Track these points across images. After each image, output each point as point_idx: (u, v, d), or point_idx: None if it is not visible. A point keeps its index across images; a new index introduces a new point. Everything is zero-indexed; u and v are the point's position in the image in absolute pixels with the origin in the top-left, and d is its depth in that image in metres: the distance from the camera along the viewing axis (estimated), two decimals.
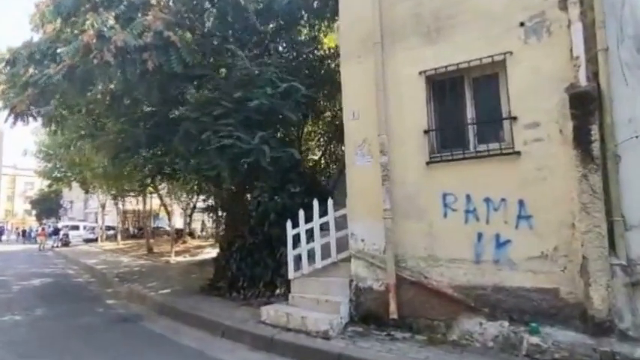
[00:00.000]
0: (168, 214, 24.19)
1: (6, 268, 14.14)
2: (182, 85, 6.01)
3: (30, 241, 34.56)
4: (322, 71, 7.99)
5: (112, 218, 29.71)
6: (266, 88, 6.02)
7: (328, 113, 8.59)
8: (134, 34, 5.45)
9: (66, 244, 26.53)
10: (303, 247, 5.71)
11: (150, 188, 26.43)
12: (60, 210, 40.79)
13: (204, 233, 25.86)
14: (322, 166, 8.40)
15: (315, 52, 8.36)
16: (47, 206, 40.08)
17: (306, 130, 8.45)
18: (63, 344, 5.29)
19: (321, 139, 8.93)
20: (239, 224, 7.35)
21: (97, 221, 36.67)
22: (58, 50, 6.77)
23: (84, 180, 24.36)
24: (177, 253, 14.85)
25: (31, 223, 42.29)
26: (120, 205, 25.20)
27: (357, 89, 5.50)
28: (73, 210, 41.30)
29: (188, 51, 5.73)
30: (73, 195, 37.90)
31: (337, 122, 9.57)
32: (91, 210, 38.72)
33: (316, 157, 8.79)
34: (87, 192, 28.25)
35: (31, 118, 9.33)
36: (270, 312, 5.37)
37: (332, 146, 8.67)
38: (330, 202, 5.76)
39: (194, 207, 27.70)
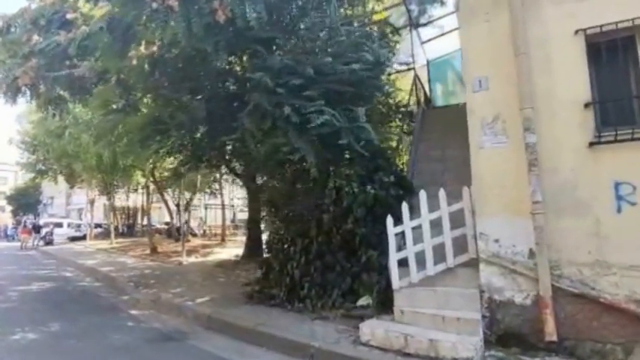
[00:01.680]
0: (169, 210, 22.69)
1: None
2: (252, 48, 4.80)
3: (7, 239, 32.08)
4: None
5: (97, 215, 27.74)
6: (362, 54, 4.88)
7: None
8: None
9: (49, 242, 24.49)
10: (410, 250, 4.60)
11: (141, 183, 24.93)
12: (39, 206, 38.21)
13: (201, 231, 24.36)
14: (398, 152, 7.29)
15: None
16: (25, 202, 37.48)
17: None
18: None
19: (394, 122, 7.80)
20: (298, 221, 6.18)
21: (81, 218, 34.57)
22: None
23: (71, 173, 22.54)
24: (187, 254, 13.45)
25: (7, 220, 39.44)
26: (109, 201, 23.42)
27: (484, 54, 4.44)
28: (53, 206, 38.76)
29: (265, 4, 4.53)
30: (53, 190, 35.50)
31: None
32: (74, 206, 36.39)
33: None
34: (72, 186, 26.33)
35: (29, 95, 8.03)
36: (377, 331, 4.24)
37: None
38: (442, 193, 4.67)
39: (188, 203, 26.27)
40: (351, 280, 5.43)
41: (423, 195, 4.70)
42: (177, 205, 24.73)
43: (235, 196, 33.73)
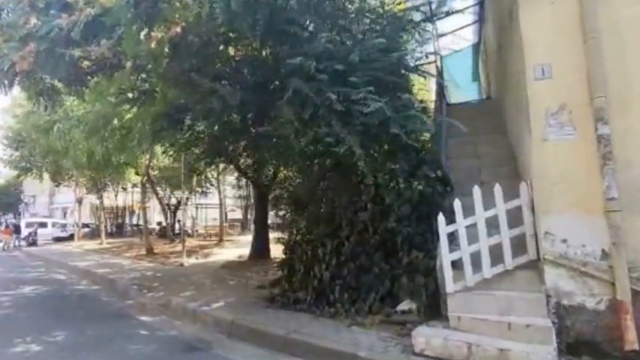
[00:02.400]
0: (164, 209, 21.94)
1: None
2: (289, 30, 4.34)
3: None
4: None
5: (83, 215, 26.68)
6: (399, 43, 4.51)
7: None
8: None
9: (33, 243, 23.42)
10: (465, 250, 4.24)
11: (133, 181, 24.05)
12: (20, 205, 36.68)
13: (196, 231, 23.63)
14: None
15: None
16: (5, 201, 35.93)
17: None
18: None
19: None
20: (328, 220, 5.77)
21: (65, 217, 33.37)
22: None
23: (58, 170, 21.57)
24: (187, 255, 12.86)
25: None
26: (99, 200, 22.56)
27: (547, 39, 4.10)
28: (35, 205, 37.28)
29: None
30: (35, 189, 34.11)
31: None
32: (58, 205, 35.07)
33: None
34: (58, 185, 25.29)
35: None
36: (434, 340, 3.86)
37: None
38: (497, 189, 4.32)
39: (179, 202, 25.53)
40: (390, 284, 5.04)
41: (477, 191, 4.34)
42: (168, 205, 24.01)
43: (226, 195, 33.08)
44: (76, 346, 4.98)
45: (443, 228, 4.30)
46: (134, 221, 30.42)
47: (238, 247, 15.56)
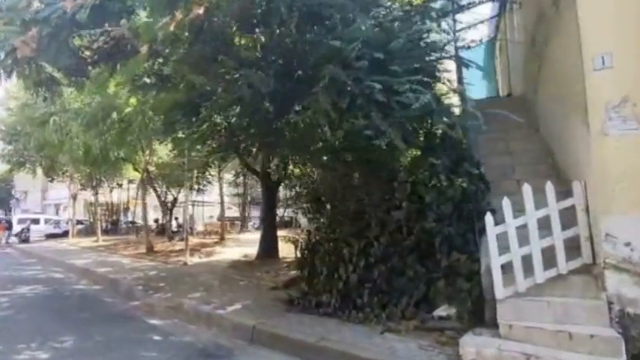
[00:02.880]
0: (163, 206, 21.44)
1: None
2: (326, 13, 3.99)
3: None
4: None
5: (77, 211, 26.01)
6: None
7: None
8: None
9: (25, 240, 22.77)
10: (516, 253, 3.93)
11: (130, 177, 23.49)
12: (11, 201, 35.82)
13: (196, 229, 23.13)
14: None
15: None
16: None
17: None
18: None
19: None
20: (355, 218, 5.43)
21: (58, 214, 32.66)
22: None
23: (52, 165, 20.96)
24: (189, 253, 12.43)
25: None
26: (95, 196, 22.01)
27: (608, 26, 3.80)
28: (27, 201, 36.43)
29: None
30: (27, 184, 33.29)
31: None
32: (50, 201, 34.30)
33: None
34: (52, 180, 24.64)
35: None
36: (486, 350, 3.55)
37: None
38: (550, 186, 4.02)
39: (175, 199, 25.02)
40: (426, 287, 4.72)
41: (527, 189, 4.04)
42: (165, 202, 23.49)
43: (223, 193, 32.54)
44: (84, 352, 4.60)
45: (491, 228, 3.99)
46: (129, 218, 29.81)
47: (241, 246, 15.14)
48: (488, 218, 4.01)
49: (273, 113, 4.35)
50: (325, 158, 5.20)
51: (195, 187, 23.64)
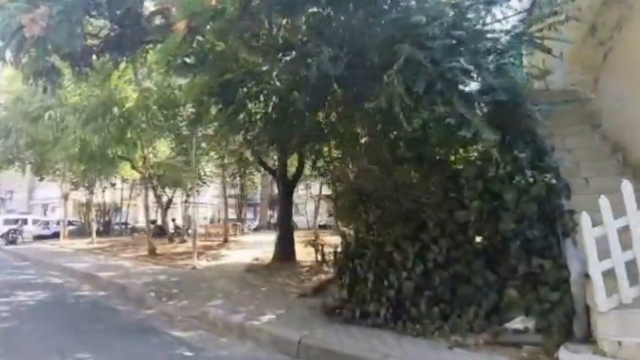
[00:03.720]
0: (162, 206, 20.69)
1: None
2: None
3: None
4: None
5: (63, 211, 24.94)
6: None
7: None
8: None
9: (12, 241, 21.68)
10: (619, 258, 3.46)
11: (125, 176, 22.60)
12: None
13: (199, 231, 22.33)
14: None
15: None
16: None
17: None
18: None
19: None
20: (408, 219, 4.92)
21: (46, 214, 31.47)
22: None
23: (42, 163, 19.98)
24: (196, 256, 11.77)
25: None
26: (90, 195, 21.10)
27: None
28: (13, 201, 35.00)
29: None
30: (12, 183, 31.95)
31: None
32: (38, 201, 33.01)
33: None
34: (42, 178, 23.56)
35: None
36: None
37: None
38: None
39: (170, 200, 24.25)
40: (497, 297, 4.21)
41: (627, 186, 3.57)
42: (160, 203, 22.68)
43: (218, 195, 31.69)
44: None
45: (589, 230, 3.51)
46: (122, 219, 28.82)
47: (245, 249, 14.56)
48: (585, 217, 3.53)
49: (344, 100, 3.80)
50: (390, 153, 4.63)
51: (197, 187, 22.94)
